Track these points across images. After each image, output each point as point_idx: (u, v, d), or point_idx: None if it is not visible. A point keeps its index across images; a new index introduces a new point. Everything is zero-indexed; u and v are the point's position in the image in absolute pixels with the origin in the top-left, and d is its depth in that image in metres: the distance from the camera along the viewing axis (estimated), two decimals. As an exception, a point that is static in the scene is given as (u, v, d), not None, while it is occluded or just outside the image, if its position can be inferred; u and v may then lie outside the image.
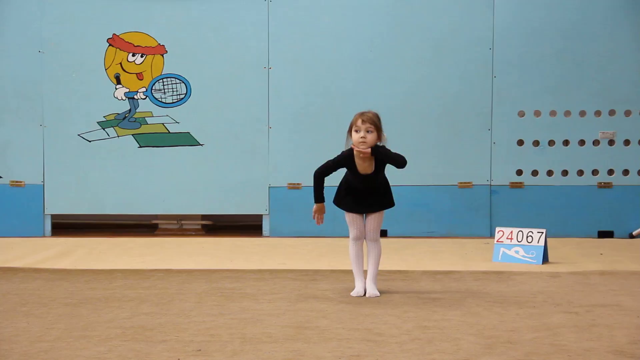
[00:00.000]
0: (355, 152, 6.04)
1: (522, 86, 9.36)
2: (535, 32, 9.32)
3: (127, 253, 8.32)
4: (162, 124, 9.49)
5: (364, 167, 6.09)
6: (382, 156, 6.07)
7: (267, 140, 9.42)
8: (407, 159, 6.10)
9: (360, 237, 6.23)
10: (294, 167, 9.41)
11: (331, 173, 6.15)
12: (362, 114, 6.06)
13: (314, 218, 6.21)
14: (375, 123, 6.04)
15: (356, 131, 6.02)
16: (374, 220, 6.20)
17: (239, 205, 9.54)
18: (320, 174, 6.14)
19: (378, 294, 6.17)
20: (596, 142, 9.43)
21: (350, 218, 6.21)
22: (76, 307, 5.88)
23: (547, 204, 9.39)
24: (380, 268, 7.15)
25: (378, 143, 6.05)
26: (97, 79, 9.43)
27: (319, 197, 6.17)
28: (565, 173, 9.43)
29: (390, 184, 6.25)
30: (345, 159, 6.10)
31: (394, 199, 6.32)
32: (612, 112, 9.38)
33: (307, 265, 7.54)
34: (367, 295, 6.16)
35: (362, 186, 6.11)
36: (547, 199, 9.40)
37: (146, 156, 9.50)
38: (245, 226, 9.95)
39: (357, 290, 6.18)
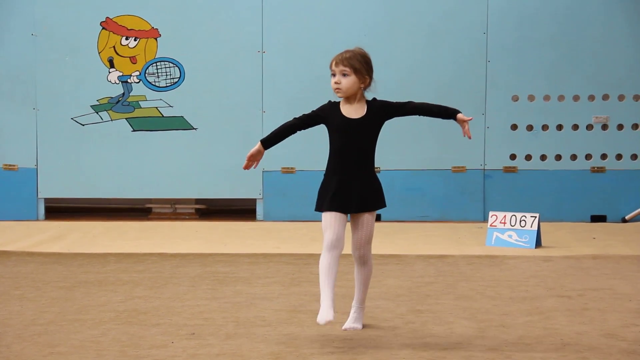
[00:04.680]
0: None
1: (516, 71, 9.35)
2: (530, 17, 9.31)
3: (120, 237, 8.33)
4: (156, 107, 9.47)
5: (352, 109, 4.86)
6: (384, 106, 4.95)
7: (261, 124, 9.41)
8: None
9: (338, 246, 4.69)
10: (287, 152, 9.39)
11: (306, 126, 4.91)
12: (339, 54, 4.85)
13: (246, 162, 4.89)
14: (352, 65, 4.80)
15: (332, 75, 4.85)
16: (365, 227, 4.82)
17: (232, 190, 9.53)
18: (292, 124, 4.91)
19: (360, 327, 4.92)
20: (589, 127, 9.44)
21: (328, 219, 4.74)
22: (70, 291, 5.89)
23: (540, 189, 9.41)
24: (373, 252, 7.16)
25: (361, 87, 4.86)
26: (90, 63, 9.40)
27: (268, 140, 4.89)
28: (558, 158, 9.45)
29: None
30: (325, 109, 4.92)
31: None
32: (605, 97, 9.39)
33: (301, 250, 7.55)
34: (346, 326, 4.91)
35: (347, 143, 4.78)
36: (540, 183, 9.41)
37: (140, 140, 9.49)
38: (239, 210, 9.95)
39: (325, 315, 4.55)
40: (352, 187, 4.76)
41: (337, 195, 4.74)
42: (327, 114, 4.88)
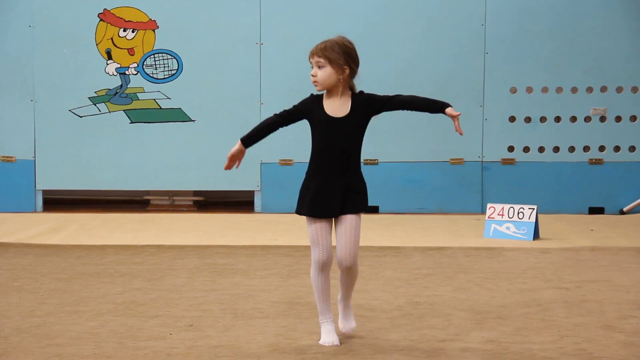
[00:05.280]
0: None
1: (514, 63, 9.34)
2: (528, 8, 9.30)
3: (119, 229, 8.32)
4: (154, 99, 9.46)
5: (335, 106, 4.53)
6: (370, 101, 4.60)
7: (259, 116, 9.39)
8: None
9: (328, 263, 4.47)
10: (285, 144, 9.39)
11: (288, 122, 4.66)
12: (316, 45, 4.55)
13: (227, 163, 4.76)
14: (327, 55, 4.49)
15: (312, 68, 4.56)
16: (350, 232, 4.47)
17: (230, 182, 9.53)
18: (273, 121, 4.66)
19: (355, 324, 4.69)
20: (588, 119, 9.44)
21: (313, 232, 4.49)
22: (68, 283, 5.89)
23: (538, 181, 9.41)
24: (371, 244, 7.18)
25: (341, 79, 4.54)
26: (88, 54, 9.39)
27: (248, 139, 4.65)
28: (556, 149, 9.45)
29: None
30: (307, 103, 4.61)
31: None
32: (603, 89, 9.39)
33: (299, 241, 7.55)
34: (342, 329, 4.66)
35: (330, 143, 4.51)
36: (538, 175, 9.42)
37: (138, 132, 9.48)
38: (237, 202, 9.95)
39: (332, 339, 4.49)
40: (334, 189, 4.49)
41: (316, 199, 4.50)
42: (309, 109, 4.57)
